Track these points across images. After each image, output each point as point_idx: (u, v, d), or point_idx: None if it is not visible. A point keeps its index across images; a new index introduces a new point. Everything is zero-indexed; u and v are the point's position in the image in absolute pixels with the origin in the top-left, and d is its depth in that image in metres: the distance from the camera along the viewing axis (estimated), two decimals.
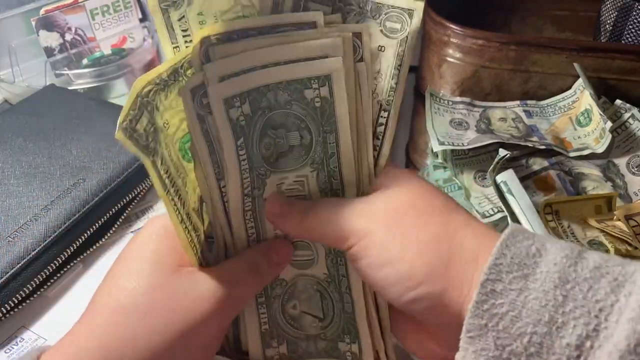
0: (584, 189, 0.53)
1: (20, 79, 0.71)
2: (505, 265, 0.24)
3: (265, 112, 0.27)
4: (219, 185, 0.28)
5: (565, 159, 0.55)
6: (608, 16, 0.67)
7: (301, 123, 0.27)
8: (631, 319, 0.21)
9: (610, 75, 0.59)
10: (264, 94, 0.26)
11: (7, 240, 0.46)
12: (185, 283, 0.27)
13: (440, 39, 0.61)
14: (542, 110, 0.61)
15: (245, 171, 0.28)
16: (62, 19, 0.70)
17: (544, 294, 0.23)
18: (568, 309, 0.22)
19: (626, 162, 0.55)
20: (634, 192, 0.53)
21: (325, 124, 0.27)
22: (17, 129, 0.57)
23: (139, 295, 0.26)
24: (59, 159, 0.53)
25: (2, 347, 0.43)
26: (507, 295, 0.23)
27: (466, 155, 0.56)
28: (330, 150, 0.28)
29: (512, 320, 0.23)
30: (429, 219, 0.26)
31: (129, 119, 0.24)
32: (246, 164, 0.28)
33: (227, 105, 0.26)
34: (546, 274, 0.23)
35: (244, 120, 0.27)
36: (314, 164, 0.28)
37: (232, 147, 0.27)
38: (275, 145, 0.28)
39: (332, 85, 0.26)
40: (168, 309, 0.26)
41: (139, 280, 0.27)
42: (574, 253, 0.24)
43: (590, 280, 0.23)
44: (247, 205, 0.29)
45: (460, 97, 0.62)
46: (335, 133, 0.27)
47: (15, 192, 0.50)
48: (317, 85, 0.26)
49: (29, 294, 0.45)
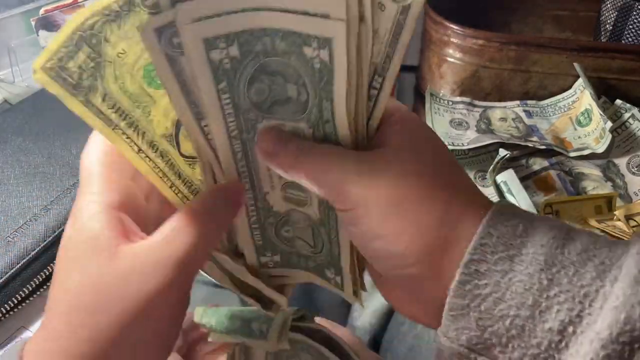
0: (584, 189, 0.53)
1: (20, 79, 0.71)
2: (491, 245, 0.23)
3: (259, 56, 0.25)
4: (200, 124, 0.26)
5: (566, 159, 0.55)
6: (608, 16, 0.67)
7: (299, 78, 0.25)
8: (615, 307, 0.21)
9: (610, 75, 0.59)
10: (258, 37, 0.24)
11: (6, 240, 0.46)
12: (125, 266, 0.25)
13: (440, 39, 0.61)
14: (542, 110, 0.61)
15: (229, 115, 0.26)
16: (62, 19, 0.70)
17: (528, 277, 0.22)
18: (552, 293, 0.22)
19: (626, 162, 0.55)
20: (634, 192, 0.53)
21: (322, 89, 0.25)
22: (16, 129, 0.57)
23: (81, 295, 0.25)
24: (58, 159, 0.53)
25: (2, 347, 0.43)
26: (491, 277, 0.23)
27: (466, 155, 0.56)
28: (325, 116, 0.26)
29: (495, 301, 0.23)
30: (432, 202, 0.24)
31: (57, 57, 0.23)
32: (230, 108, 0.26)
33: (207, 46, 0.24)
34: (532, 256, 0.23)
35: (229, 63, 0.24)
36: (309, 122, 0.26)
37: (213, 90, 0.25)
38: (271, 91, 0.26)
39: (333, 51, 0.24)
40: (109, 300, 0.24)
41: (79, 276, 0.25)
42: (562, 233, 0.23)
43: (576, 264, 0.22)
44: (236, 147, 0.27)
45: (460, 97, 0.62)
46: (331, 102, 0.25)
47: (15, 192, 0.50)
48: (317, 45, 0.24)
49: (28, 294, 0.45)
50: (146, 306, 0.24)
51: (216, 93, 0.25)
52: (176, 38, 0.24)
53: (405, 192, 0.25)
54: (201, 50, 0.24)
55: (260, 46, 0.24)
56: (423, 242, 0.24)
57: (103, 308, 0.24)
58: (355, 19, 0.23)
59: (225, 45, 0.24)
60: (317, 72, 0.24)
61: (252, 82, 0.25)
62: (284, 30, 0.24)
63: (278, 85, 0.25)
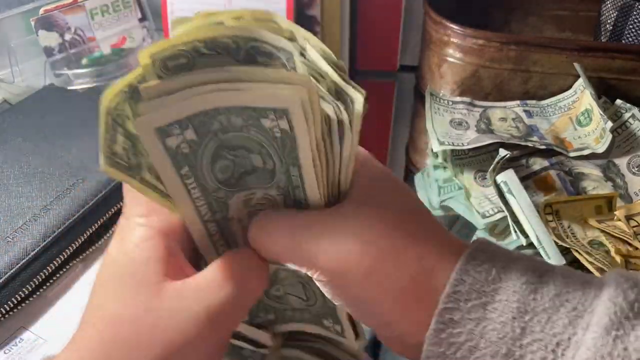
0: (584, 189, 0.53)
1: (19, 78, 0.71)
2: (464, 293, 0.23)
3: (218, 134, 0.24)
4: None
5: (566, 159, 0.55)
6: (608, 16, 0.67)
7: (262, 149, 0.24)
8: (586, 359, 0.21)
9: (610, 75, 0.59)
10: (213, 117, 0.23)
11: (6, 240, 0.46)
12: (167, 305, 0.24)
13: (440, 39, 0.61)
14: (542, 110, 0.61)
15: (198, 199, 0.25)
16: (61, 19, 0.70)
17: (502, 326, 0.22)
18: (525, 342, 0.22)
19: (626, 162, 0.55)
20: (635, 192, 0.53)
21: (287, 156, 0.24)
22: (16, 129, 0.57)
23: (119, 327, 0.24)
24: (58, 159, 0.53)
25: (1, 347, 0.43)
26: (465, 325, 0.23)
27: (466, 155, 0.56)
28: (294, 182, 0.25)
29: (470, 350, 0.23)
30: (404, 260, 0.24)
31: (106, 145, 0.23)
32: (198, 191, 0.25)
33: (161, 134, 0.23)
34: (505, 304, 0.23)
35: (187, 148, 0.24)
36: (279, 189, 0.26)
37: (176, 177, 0.24)
38: (235, 165, 0.25)
39: (292, 119, 0.23)
40: (151, 335, 0.24)
41: (120, 307, 0.24)
42: (535, 277, 0.23)
43: (549, 310, 0.22)
44: (211, 229, 0.27)
45: (460, 97, 0.62)
46: (298, 168, 0.24)
47: (14, 192, 0.50)
48: (274, 116, 0.23)
49: (28, 295, 0.45)
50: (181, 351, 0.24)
51: (180, 179, 0.24)
52: None
53: (376, 254, 0.24)
54: (156, 139, 0.23)
55: (217, 125, 0.24)
56: (402, 304, 0.24)
57: (141, 345, 0.24)
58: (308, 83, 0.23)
59: (180, 130, 0.23)
60: (279, 139, 0.24)
61: (215, 160, 0.25)
62: (238, 107, 0.23)
63: (242, 158, 0.25)
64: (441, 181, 0.56)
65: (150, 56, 0.22)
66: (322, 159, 0.24)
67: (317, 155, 0.24)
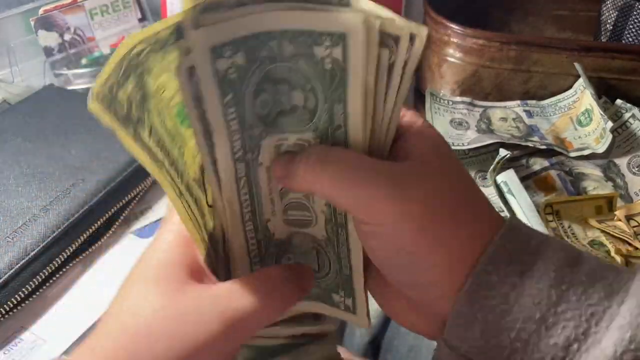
0: (585, 189, 0.53)
1: (19, 78, 0.71)
2: (504, 259, 0.23)
3: (265, 63, 0.23)
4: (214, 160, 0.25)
5: (566, 159, 0.55)
6: (608, 16, 0.67)
7: (307, 83, 0.23)
8: (621, 327, 0.21)
9: (610, 75, 0.59)
10: (264, 42, 0.22)
11: (6, 240, 0.46)
12: (190, 302, 0.25)
13: (441, 39, 0.61)
14: (543, 110, 0.61)
15: (235, 132, 0.24)
16: (61, 19, 0.70)
17: (538, 292, 0.23)
18: (560, 310, 0.22)
19: (627, 162, 0.55)
20: (635, 192, 0.53)
21: (333, 91, 0.23)
22: (16, 129, 0.57)
23: (142, 319, 0.25)
24: (58, 159, 0.53)
25: (1, 347, 0.43)
26: (501, 289, 0.23)
27: (466, 155, 0.56)
28: (336, 121, 0.24)
29: (502, 313, 0.23)
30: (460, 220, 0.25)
31: (108, 86, 0.21)
32: (236, 123, 0.24)
33: (214, 54, 0.22)
34: (543, 271, 0.23)
35: (235, 73, 0.23)
36: (317, 131, 0.25)
37: (218, 105, 0.23)
38: (274, 102, 0.24)
39: (348, 48, 0.22)
40: (171, 331, 0.25)
41: (144, 301, 0.26)
42: (572, 254, 0.24)
43: (585, 283, 0.23)
44: (239, 171, 0.26)
45: (461, 97, 0.62)
46: (344, 104, 0.23)
47: (14, 193, 0.50)
48: (330, 42, 0.22)
49: (28, 295, 0.45)
50: (194, 350, 0.25)
51: (221, 108, 0.24)
52: None
53: (437, 209, 0.24)
54: (208, 60, 0.22)
55: (267, 51, 0.23)
56: (450, 259, 0.24)
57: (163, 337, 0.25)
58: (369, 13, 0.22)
59: (231, 52, 0.22)
60: (329, 72, 0.23)
61: (259, 92, 0.24)
62: (293, 30, 0.22)
63: (282, 94, 0.24)
64: None
65: None
66: (370, 99, 0.23)
67: (367, 92, 0.23)
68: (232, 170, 0.26)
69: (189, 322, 0.25)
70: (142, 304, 0.25)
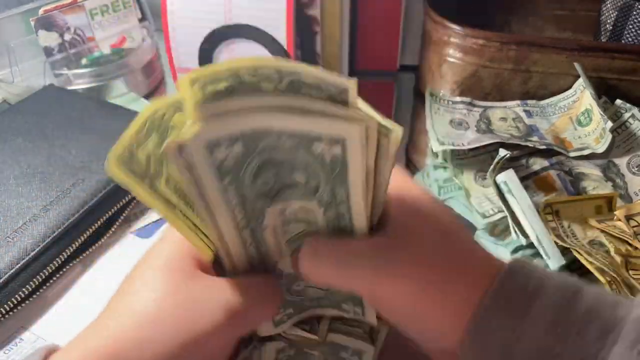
0: (584, 189, 0.53)
1: (19, 78, 0.71)
2: (502, 304, 0.25)
3: (264, 151, 0.24)
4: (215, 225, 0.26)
5: (566, 159, 0.55)
6: (608, 16, 0.67)
7: (308, 167, 0.24)
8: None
9: (610, 75, 0.59)
10: (262, 137, 0.23)
11: (6, 240, 0.46)
12: (198, 290, 0.27)
13: (440, 38, 0.61)
14: (543, 110, 0.61)
15: (237, 206, 0.25)
16: (61, 19, 0.70)
17: (536, 334, 0.24)
18: (556, 352, 0.23)
19: (626, 162, 0.55)
20: (635, 192, 0.53)
21: (335, 178, 0.25)
22: (16, 129, 0.57)
23: (150, 301, 0.26)
24: (58, 159, 0.53)
25: (2, 347, 0.43)
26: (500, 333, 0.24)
27: (466, 155, 0.56)
28: (339, 198, 0.26)
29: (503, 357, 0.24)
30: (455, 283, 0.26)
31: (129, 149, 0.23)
32: (237, 201, 0.25)
33: (211, 146, 0.23)
34: (541, 316, 0.24)
35: (233, 160, 0.24)
36: (321, 202, 0.26)
37: (217, 187, 0.24)
38: (276, 180, 0.25)
39: (347, 148, 0.23)
40: (177, 317, 0.26)
41: (152, 286, 0.26)
42: (570, 293, 0.25)
43: (580, 324, 0.24)
44: (244, 238, 0.27)
45: (460, 97, 0.62)
46: (346, 188, 0.25)
47: (14, 193, 0.50)
48: (329, 141, 0.23)
49: (28, 295, 0.45)
50: (200, 334, 0.26)
51: (221, 189, 0.24)
52: None
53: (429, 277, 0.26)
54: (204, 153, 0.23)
55: (266, 143, 0.23)
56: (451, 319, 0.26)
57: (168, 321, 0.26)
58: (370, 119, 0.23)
59: (229, 144, 0.23)
60: (329, 164, 0.24)
61: (259, 174, 0.25)
62: (293, 131, 0.23)
63: (285, 172, 0.25)
64: (441, 181, 0.56)
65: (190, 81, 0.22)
66: (370, 177, 0.25)
67: (368, 174, 0.25)
68: (237, 238, 0.27)
69: (196, 309, 0.26)
70: (151, 288, 0.26)
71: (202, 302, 0.26)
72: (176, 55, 0.68)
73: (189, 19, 0.66)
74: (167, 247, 0.28)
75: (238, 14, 0.65)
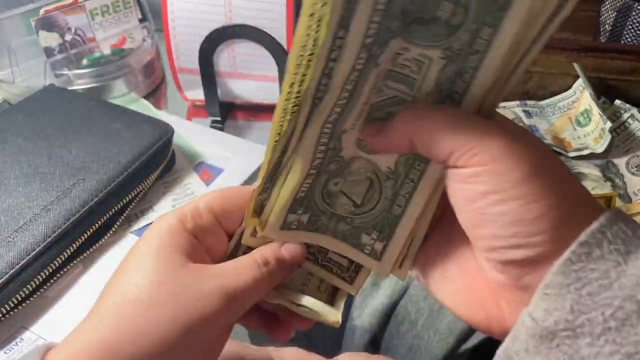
0: None
1: (19, 79, 0.71)
2: (609, 235, 0.22)
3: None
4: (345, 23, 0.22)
5: (565, 159, 0.55)
6: (607, 16, 0.67)
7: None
8: None
9: (609, 75, 0.59)
10: None
11: (6, 240, 0.46)
12: (191, 278, 0.27)
13: None
14: (542, 110, 0.61)
15: (378, 13, 0.22)
16: (61, 19, 0.70)
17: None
18: None
19: (625, 162, 0.55)
20: (634, 192, 0.53)
21: (492, 12, 0.21)
22: (16, 129, 0.57)
23: (144, 289, 0.26)
24: (58, 159, 0.53)
25: (2, 347, 0.43)
26: (602, 264, 0.21)
27: None
28: (475, 46, 0.23)
29: (600, 288, 0.21)
30: (569, 176, 0.24)
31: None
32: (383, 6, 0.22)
33: None
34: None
35: None
36: (448, 50, 0.23)
37: None
38: (418, 6, 0.22)
39: None
40: (173, 303, 0.26)
41: (146, 275, 0.26)
42: None
43: None
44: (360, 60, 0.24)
45: None
46: (495, 29, 0.22)
47: (14, 193, 0.50)
48: None
49: (28, 294, 0.45)
50: (197, 321, 0.26)
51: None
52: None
53: (549, 161, 0.23)
54: None
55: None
56: (558, 213, 0.22)
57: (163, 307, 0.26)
58: None
59: None
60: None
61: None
62: None
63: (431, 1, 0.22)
64: None
65: None
66: (524, 31, 0.22)
67: (526, 23, 0.22)
68: (355, 55, 0.23)
69: (191, 294, 0.26)
70: (145, 276, 0.26)
71: (198, 287, 0.26)
72: (176, 55, 0.68)
73: (189, 19, 0.66)
74: (159, 236, 0.28)
75: (238, 14, 0.65)
